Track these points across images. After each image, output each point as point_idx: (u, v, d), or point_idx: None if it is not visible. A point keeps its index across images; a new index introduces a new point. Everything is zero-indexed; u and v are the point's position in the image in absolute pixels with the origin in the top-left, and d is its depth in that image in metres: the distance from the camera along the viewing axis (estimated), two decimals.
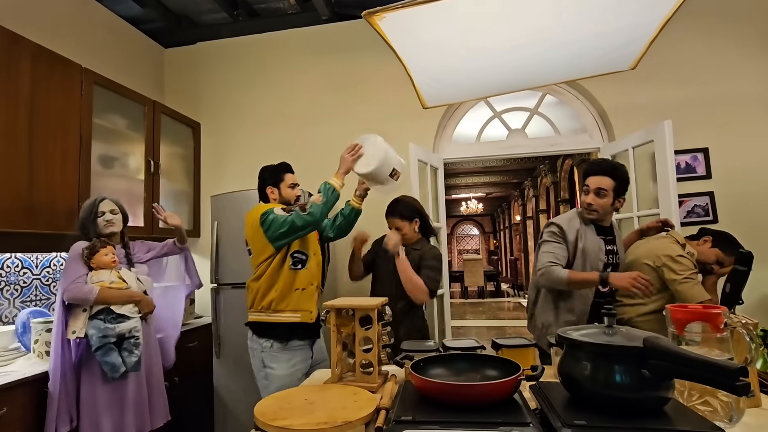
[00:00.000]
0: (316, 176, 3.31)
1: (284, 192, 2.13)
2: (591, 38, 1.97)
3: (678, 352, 0.72)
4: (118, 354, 1.76)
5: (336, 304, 1.23)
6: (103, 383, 1.78)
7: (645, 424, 0.73)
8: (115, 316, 1.79)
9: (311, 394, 1.03)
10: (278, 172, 2.18)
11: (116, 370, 1.75)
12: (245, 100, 3.46)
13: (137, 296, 1.89)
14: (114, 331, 1.76)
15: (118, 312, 1.80)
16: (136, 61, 3.28)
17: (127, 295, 1.85)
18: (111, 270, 1.85)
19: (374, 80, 3.26)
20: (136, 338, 1.83)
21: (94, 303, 1.77)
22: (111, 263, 1.86)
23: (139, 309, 1.89)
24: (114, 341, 1.77)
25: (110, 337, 1.76)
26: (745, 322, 0.93)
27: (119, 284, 1.85)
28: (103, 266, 1.84)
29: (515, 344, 1.22)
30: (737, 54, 2.84)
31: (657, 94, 2.89)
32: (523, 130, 3.23)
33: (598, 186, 1.86)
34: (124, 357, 1.78)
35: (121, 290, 1.84)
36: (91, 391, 1.77)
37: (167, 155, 3.02)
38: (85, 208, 1.96)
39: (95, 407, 1.76)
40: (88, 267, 1.83)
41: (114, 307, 1.80)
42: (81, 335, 1.75)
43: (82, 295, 1.74)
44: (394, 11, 1.63)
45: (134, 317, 1.85)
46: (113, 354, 1.75)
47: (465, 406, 0.81)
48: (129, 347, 1.80)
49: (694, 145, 2.83)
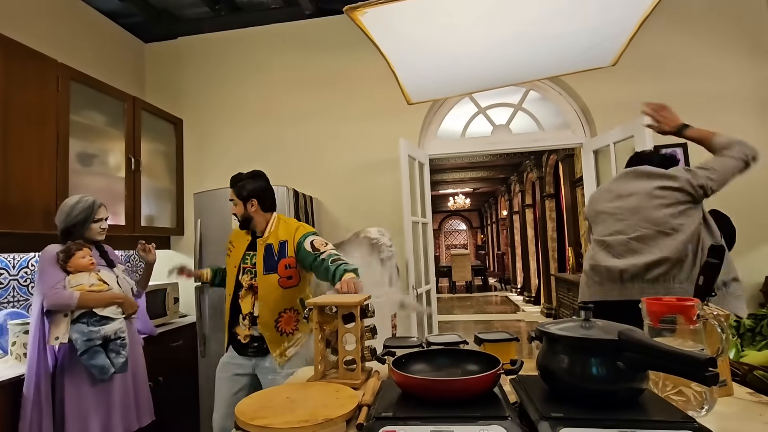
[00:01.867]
0: (300, 173, 3.31)
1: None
2: (572, 35, 1.99)
3: (650, 344, 0.73)
4: (105, 356, 1.73)
5: (319, 301, 1.23)
6: (89, 386, 1.75)
7: (620, 415, 0.74)
8: (98, 318, 1.75)
9: (293, 392, 1.02)
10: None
11: (105, 372, 1.71)
12: (228, 96, 3.42)
13: (120, 297, 1.84)
14: (99, 334, 1.73)
15: (101, 314, 1.76)
16: (116, 57, 3.21)
17: (110, 297, 1.80)
18: (90, 272, 1.80)
19: (359, 76, 3.25)
20: (122, 339, 1.79)
21: (76, 308, 1.72)
22: (89, 265, 1.80)
23: (123, 310, 1.85)
24: (100, 343, 1.73)
25: (95, 339, 1.72)
26: (717, 314, 0.96)
27: (100, 286, 1.79)
28: (81, 269, 1.78)
29: (497, 338, 1.23)
30: (715, 51, 2.90)
31: (637, 90, 2.94)
32: (508, 125, 3.25)
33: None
34: (112, 358, 1.75)
35: (102, 292, 1.79)
36: (77, 395, 1.73)
37: (148, 152, 2.97)
38: (79, 210, 1.86)
39: (82, 410, 1.73)
40: (65, 271, 1.77)
41: (97, 309, 1.75)
42: (64, 341, 1.69)
43: (63, 302, 1.69)
44: (376, 7, 1.62)
45: (118, 318, 1.81)
46: (101, 356, 1.72)
47: (445, 401, 0.82)
48: (116, 348, 1.77)
49: (674, 140, 2.88)
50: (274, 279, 1.85)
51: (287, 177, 3.23)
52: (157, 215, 3.06)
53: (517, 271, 10.77)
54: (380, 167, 3.17)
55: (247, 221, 1.94)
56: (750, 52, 2.86)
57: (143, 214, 2.83)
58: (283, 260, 1.86)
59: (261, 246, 1.89)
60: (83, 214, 1.86)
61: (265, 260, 1.87)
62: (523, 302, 9.33)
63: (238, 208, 1.93)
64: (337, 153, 3.26)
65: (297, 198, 2.78)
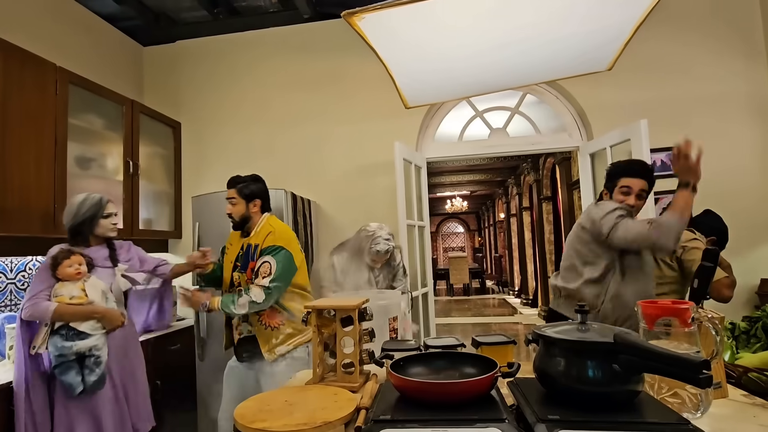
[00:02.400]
0: (299, 177, 3.32)
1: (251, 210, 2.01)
2: (568, 39, 2.00)
3: (645, 347, 0.74)
4: (77, 372, 1.68)
5: (317, 304, 1.23)
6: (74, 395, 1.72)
7: (616, 417, 0.75)
8: (75, 332, 1.69)
9: (292, 395, 1.03)
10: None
11: (73, 390, 1.67)
12: (227, 99, 3.43)
13: (98, 312, 1.74)
14: (71, 350, 1.67)
15: (79, 329, 1.70)
16: (114, 60, 3.22)
17: (87, 312, 1.72)
18: (76, 282, 1.74)
19: (357, 80, 3.26)
20: (96, 357, 1.72)
21: (51, 321, 1.68)
22: (75, 275, 1.73)
23: (103, 325, 1.76)
24: (74, 359, 1.68)
25: (68, 355, 1.67)
26: (711, 317, 0.97)
27: (80, 299, 1.72)
28: (67, 278, 1.73)
29: (495, 341, 1.23)
30: (710, 55, 2.93)
31: (633, 94, 2.96)
32: (505, 129, 3.27)
33: (642, 188, 1.79)
34: (85, 375, 1.69)
35: (80, 307, 1.71)
36: (64, 403, 1.71)
37: (147, 155, 2.98)
38: (87, 207, 1.83)
39: (69, 417, 1.71)
40: (56, 278, 1.73)
41: (73, 323, 1.70)
42: (41, 351, 1.68)
43: (38, 314, 1.66)
44: (374, 12, 1.64)
45: (95, 334, 1.73)
46: (71, 373, 1.67)
47: (443, 403, 0.83)
48: (89, 365, 1.70)
49: (668, 144, 2.90)
50: (245, 278, 1.93)
51: (285, 180, 3.24)
52: (155, 218, 3.06)
53: (515, 274, 10.79)
54: (378, 170, 3.18)
55: (245, 221, 1.98)
56: (745, 55, 2.89)
57: (141, 217, 2.83)
58: (251, 263, 1.91)
59: (244, 244, 1.96)
60: (91, 210, 1.83)
61: (242, 258, 1.95)
62: (520, 305, 9.34)
63: (238, 207, 1.97)
64: (335, 156, 3.27)
65: (295, 201, 2.78)
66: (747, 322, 1.29)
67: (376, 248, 2.21)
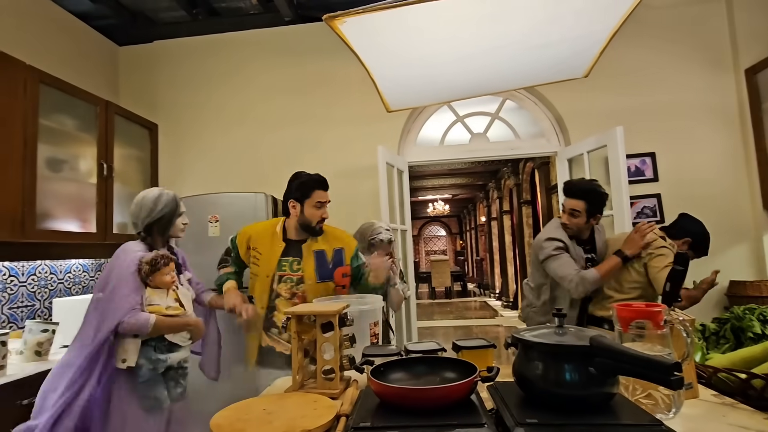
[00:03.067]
0: (281, 180, 3.27)
1: (307, 211, 1.81)
2: (546, 47, 2.05)
3: (619, 349, 0.76)
4: (164, 386, 1.58)
5: (297, 310, 1.22)
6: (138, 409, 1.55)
7: (592, 419, 0.76)
8: (167, 344, 1.59)
9: (270, 403, 1.01)
10: (306, 187, 1.83)
11: (160, 404, 1.56)
12: (205, 101, 3.38)
13: (192, 323, 1.66)
14: (165, 363, 1.58)
15: (171, 341, 1.60)
16: (88, 60, 3.13)
17: (183, 323, 1.62)
18: (168, 290, 1.62)
19: (338, 83, 3.26)
20: (184, 369, 1.65)
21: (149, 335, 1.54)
22: (170, 283, 1.62)
23: (191, 335, 1.68)
24: (162, 371, 1.58)
25: (158, 369, 1.57)
26: (683, 319, 0.99)
27: (176, 310, 1.61)
28: (161, 286, 1.60)
29: (475, 345, 1.24)
30: (681, 66, 3.03)
31: (609, 101, 3.04)
32: (485, 134, 3.31)
33: (572, 208, 2.01)
34: (170, 388, 1.60)
35: (176, 318, 1.60)
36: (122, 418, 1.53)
37: (122, 158, 2.90)
38: (164, 203, 1.68)
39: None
40: (144, 284, 1.59)
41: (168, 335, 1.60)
42: (132, 364, 1.52)
43: (138, 328, 1.51)
44: (356, 16, 1.64)
45: (185, 345, 1.65)
46: (160, 387, 1.56)
47: (423, 409, 0.83)
48: (176, 378, 1.62)
49: (642, 150, 3.00)
50: (330, 287, 1.76)
51: (266, 184, 3.20)
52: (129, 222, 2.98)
53: (496, 277, 10.91)
54: (360, 174, 3.18)
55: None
56: (714, 66, 3.00)
57: (116, 221, 2.75)
58: (339, 268, 1.78)
59: (309, 252, 1.78)
60: (168, 207, 1.68)
61: (317, 268, 1.76)
62: (501, 307, 9.45)
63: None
64: (317, 159, 3.25)
65: (276, 205, 2.75)
66: (717, 324, 1.33)
67: (379, 237, 2.16)
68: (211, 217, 2.62)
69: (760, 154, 2.81)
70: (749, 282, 2.75)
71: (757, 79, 2.81)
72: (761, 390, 1.02)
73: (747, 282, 2.75)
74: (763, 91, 2.78)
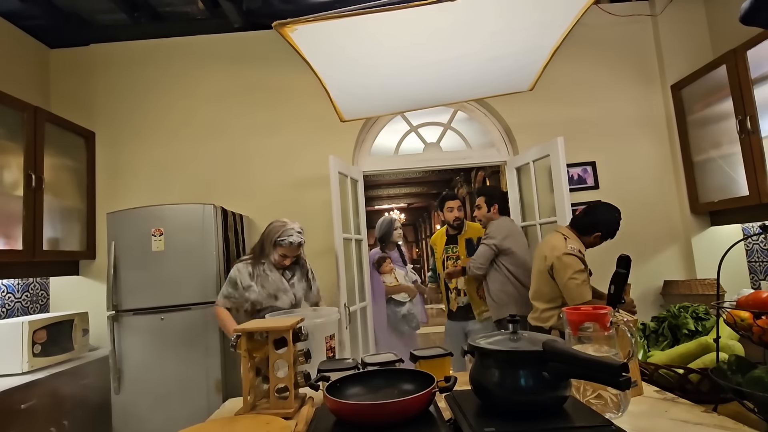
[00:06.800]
0: (229, 191, 3.16)
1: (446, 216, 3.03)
2: (495, 60, 2.12)
3: (571, 353, 0.78)
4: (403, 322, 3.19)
5: (247, 327, 1.16)
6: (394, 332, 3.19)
7: (547, 424, 0.77)
8: (396, 302, 3.22)
9: (219, 428, 0.95)
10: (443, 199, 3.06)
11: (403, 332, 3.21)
12: (148, 108, 3.20)
13: (404, 288, 3.26)
14: (400, 313, 3.19)
15: (397, 299, 3.21)
16: (14, 62, 2.88)
17: (402, 288, 3.25)
18: (390, 273, 3.29)
19: (290, 92, 3.20)
20: (412, 314, 3.23)
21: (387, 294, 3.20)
22: (388, 271, 3.29)
23: (408, 295, 3.24)
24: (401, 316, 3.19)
25: (399, 313, 3.18)
26: (626, 320, 1.04)
27: (395, 284, 3.26)
28: (384, 272, 3.26)
29: (432, 355, 1.24)
30: (614, 81, 3.25)
31: (553, 113, 3.20)
32: (438, 143, 3.37)
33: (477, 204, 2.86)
34: (408, 323, 3.22)
35: (398, 285, 3.26)
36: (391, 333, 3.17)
37: (53, 168, 2.68)
38: (386, 224, 3.44)
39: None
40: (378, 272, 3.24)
41: (396, 296, 3.21)
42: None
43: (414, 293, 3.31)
44: (306, 24, 1.62)
45: (406, 301, 3.24)
46: (402, 323, 3.19)
47: (380, 424, 0.80)
48: (409, 319, 3.21)
49: (584, 159, 3.17)
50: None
51: (214, 195, 3.08)
52: (63, 237, 2.75)
53: None
54: (313, 183, 3.13)
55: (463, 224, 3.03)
56: (645, 81, 3.24)
57: (46, 236, 2.53)
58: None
59: (462, 240, 3.01)
60: (387, 227, 3.40)
61: (468, 249, 2.95)
62: None
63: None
64: (269, 170, 3.17)
65: (225, 216, 2.65)
66: (655, 322, 1.41)
67: (289, 239, 2.08)
68: (155, 231, 2.47)
69: (687, 164, 3.05)
70: (681, 281, 2.96)
71: (681, 94, 3.06)
72: (697, 384, 1.08)
73: (679, 281, 2.96)
74: (687, 105, 3.03)
